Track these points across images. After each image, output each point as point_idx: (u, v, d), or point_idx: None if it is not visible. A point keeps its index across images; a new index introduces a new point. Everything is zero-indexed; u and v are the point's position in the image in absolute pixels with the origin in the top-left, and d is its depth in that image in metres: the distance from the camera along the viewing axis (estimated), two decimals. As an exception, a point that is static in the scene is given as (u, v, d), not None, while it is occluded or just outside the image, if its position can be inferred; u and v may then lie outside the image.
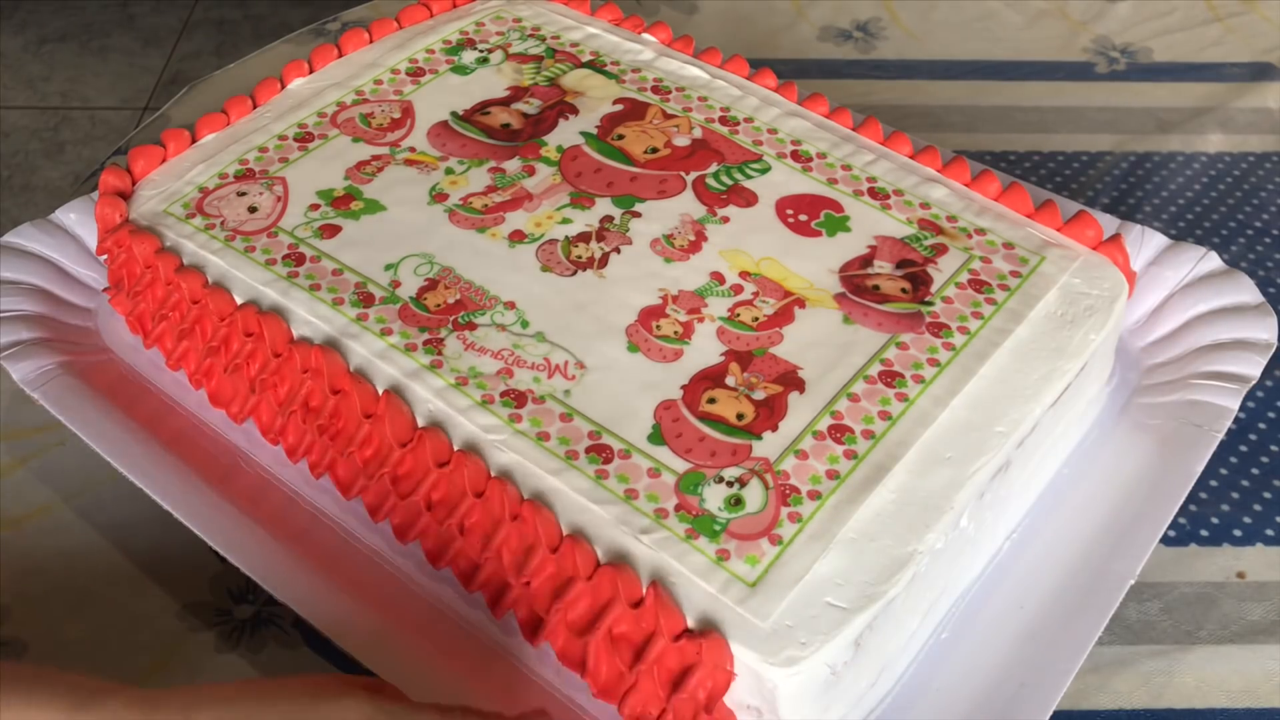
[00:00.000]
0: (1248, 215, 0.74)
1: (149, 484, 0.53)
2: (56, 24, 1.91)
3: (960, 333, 0.53)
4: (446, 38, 0.69)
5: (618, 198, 0.59)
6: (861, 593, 0.44)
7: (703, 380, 0.51)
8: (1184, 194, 0.75)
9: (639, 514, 0.46)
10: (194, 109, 0.75)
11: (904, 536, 0.46)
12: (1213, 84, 0.83)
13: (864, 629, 0.44)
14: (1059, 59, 0.86)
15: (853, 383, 0.51)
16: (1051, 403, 0.52)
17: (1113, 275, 0.56)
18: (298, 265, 0.56)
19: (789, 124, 0.63)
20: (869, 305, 0.54)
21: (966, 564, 0.51)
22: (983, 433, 0.49)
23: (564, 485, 0.47)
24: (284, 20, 0.61)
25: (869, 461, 0.48)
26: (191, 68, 1.80)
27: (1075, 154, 0.78)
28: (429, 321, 0.53)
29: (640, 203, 0.59)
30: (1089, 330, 0.54)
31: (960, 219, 0.58)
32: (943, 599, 0.50)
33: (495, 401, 0.50)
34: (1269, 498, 0.59)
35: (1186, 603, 0.55)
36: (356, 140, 0.62)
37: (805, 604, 0.44)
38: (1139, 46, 0.87)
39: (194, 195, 0.60)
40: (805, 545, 0.45)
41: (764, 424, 0.49)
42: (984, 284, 0.55)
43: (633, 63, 0.67)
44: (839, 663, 0.44)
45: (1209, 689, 0.52)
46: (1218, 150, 0.78)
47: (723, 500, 0.47)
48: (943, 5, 0.91)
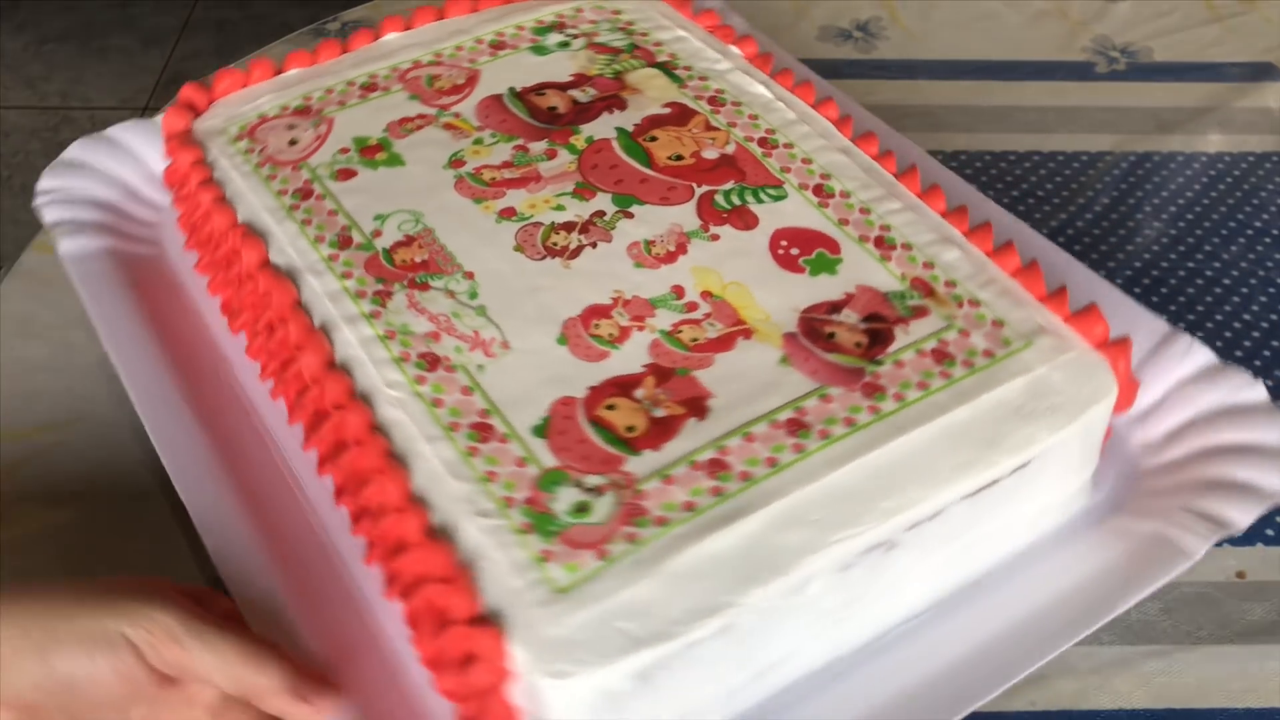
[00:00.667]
0: (1248, 215, 0.73)
1: (124, 369, 0.58)
2: (56, 24, 1.92)
3: (895, 399, 0.50)
4: (541, 18, 0.71)
5: (618, 195, 0.59)
6: (659, 628, 0.43)
7: (613, 386, 0.51)
8: (1184, 194, 0.75)
9: (487, 497, 0.47)
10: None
11: (728, 585, 0.44)
12: (1213, 84, 0.83)
13: (653, 665, 0.43)
14: (1059, 59, 0.86)
15: (755, 423, 0.49)
16: (966, 494, 0.48)
17: (1102, 378, 0.52)
18: (302, 200, 0.59)
19: (827, 157, 0.61)
20: (812, 351, 0.52)
21: (829, 635, 0.48)
22: (864, 505, 0.47)
23: (431, 453, 0.48)
24: (284, 20, 0.64)
25: (733, 503, 0.46)
26: (191, 68, 1.80)
27: (1075, 154, 0.78)
28: (389, 274, 0.55)
29: (638, 205, 0.59)
30: (1042, 430, 0.50)
31: (960, 285, 0.55)
32: (789, 664, 0.48)
33: (410, 360, 0.52)
34: None
35: (1186, 603, 0.55)
36: (413, 98, 0.65)
37: (599, 623, 0.43)
38: (1139, 46, 0.87)
39: (252, 120, 0.64)
40: (628, 568, 0.45)
41: (648, 442, 0.48)
42: (948, 356, 0.52)
43: (705, 70, 0.67)
44: (619, 691, 0.43)
45: (1209, 689, 0.52)
46: (1218, 150, 0.78)
47: (571, 504, 0.46)
48: (943, 5, 0.91)
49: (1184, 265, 0.71)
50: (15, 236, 1.48)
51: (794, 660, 0.48)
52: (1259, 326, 0.67)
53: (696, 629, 0.43)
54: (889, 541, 0.47)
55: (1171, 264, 0.71)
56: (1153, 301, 0.68)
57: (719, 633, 0.44)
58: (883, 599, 0.49)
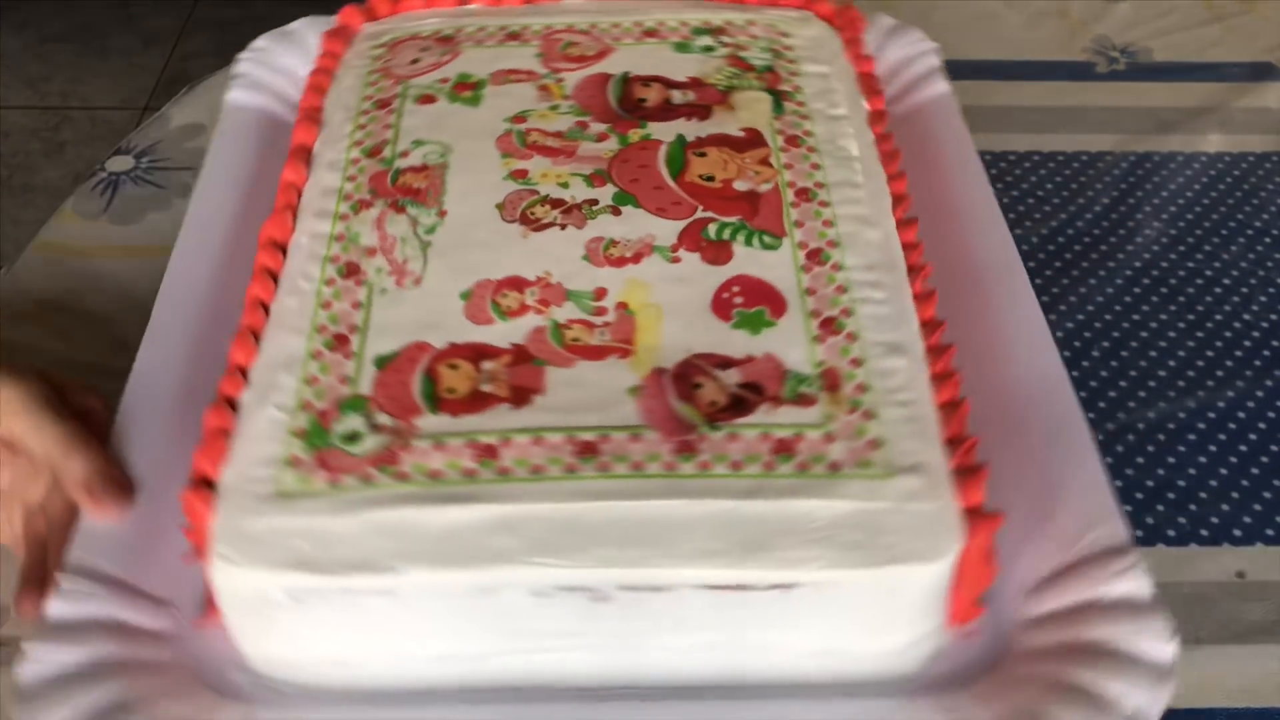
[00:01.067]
0: (1248, 215, 0.74)
1: (193, 204, 0.66)
2: (56, 24, 1.90)
3: (698, 466, 0.47)
4: (710, 19, 0.71)
5: (621, 192, 0.59)
6: (326, 562, 0.45)
7: (469, 350, 0.52)
8: (1184, 194, 0.75)
9: (294, 395, 0.50)
10: (194, 109, 0.81)
11: (407, 556, 0.45)
12: (1213, 84, 0.83)
13: (307, 591, 0.45)
14: (1059, 59, 0.86)
15: (553, 431, 0.48)
16: (703, 584, 0.45)
17: (945, 543, 0.46)
18: (376, 109, 0.65)
19: (852, 227, 0.57)
20: (665, 392, 0.50)
21: (532, 660, 0.47)
22: (581, 543, 0.45)
23: (286, 340, 0.52)
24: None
25: (471, 488, 0.47)
26: (191, 68, 1.75)
27: (1075, 154, 0.78)
28: (383, 191, 0.60)
29: (634, 207, 0.58)
30: (827, 560, 0.45)
31: (871, 393, 0.50)
32: (481, 666, 0.47)
33: (337, 263, 0.56)
34: (1269, 498, 0.59)
35: (1186, 603, 0.55)
36: (538, 55, 0.69)
37: (283, 534, 0.46)
38: (1139, 46, 0.87)
39: (401, 35, 0.71)
40: (342, 502, 0.46)
41: (454, 408, 0.50)
42: (789, 451, 0.48)
43: (814, 110, 0.64)
44: (272, 599, 0.45)
45: (1209, 689, 0.52)
46: (1218, 150, 0.78)
47: (348, 430, 0.49)
48: (943, 5, 0.91)
49: (1184, 265, 0.71)
50: (15, 236, 1.45)
51: (490, 664, 0.47)
52: (1259, 326, 0.67)
53: (356, 579, 0.45)
54: (596, 590, 0.45)
55: (1171, 264, 0.71)
56: (1153, 301, 0.68)
57: (382, 594, 0.45)
58: (603, 651, 0.47)
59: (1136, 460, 0.62)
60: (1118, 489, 0.57)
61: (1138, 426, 0.63)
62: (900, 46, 0.76)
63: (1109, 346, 0.67)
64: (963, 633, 0.49)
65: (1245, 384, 0.65)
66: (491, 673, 0.48)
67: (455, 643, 0.47)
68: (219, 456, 0.48)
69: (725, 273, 0.55)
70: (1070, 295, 0.70)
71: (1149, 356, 0.67)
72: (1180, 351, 0.67)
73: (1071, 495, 0.52)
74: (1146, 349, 0.67)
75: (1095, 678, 0.46)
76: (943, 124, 0.71)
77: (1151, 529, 0.59)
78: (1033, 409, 0.56)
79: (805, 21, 0.72)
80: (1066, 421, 0.55)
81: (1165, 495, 0.60)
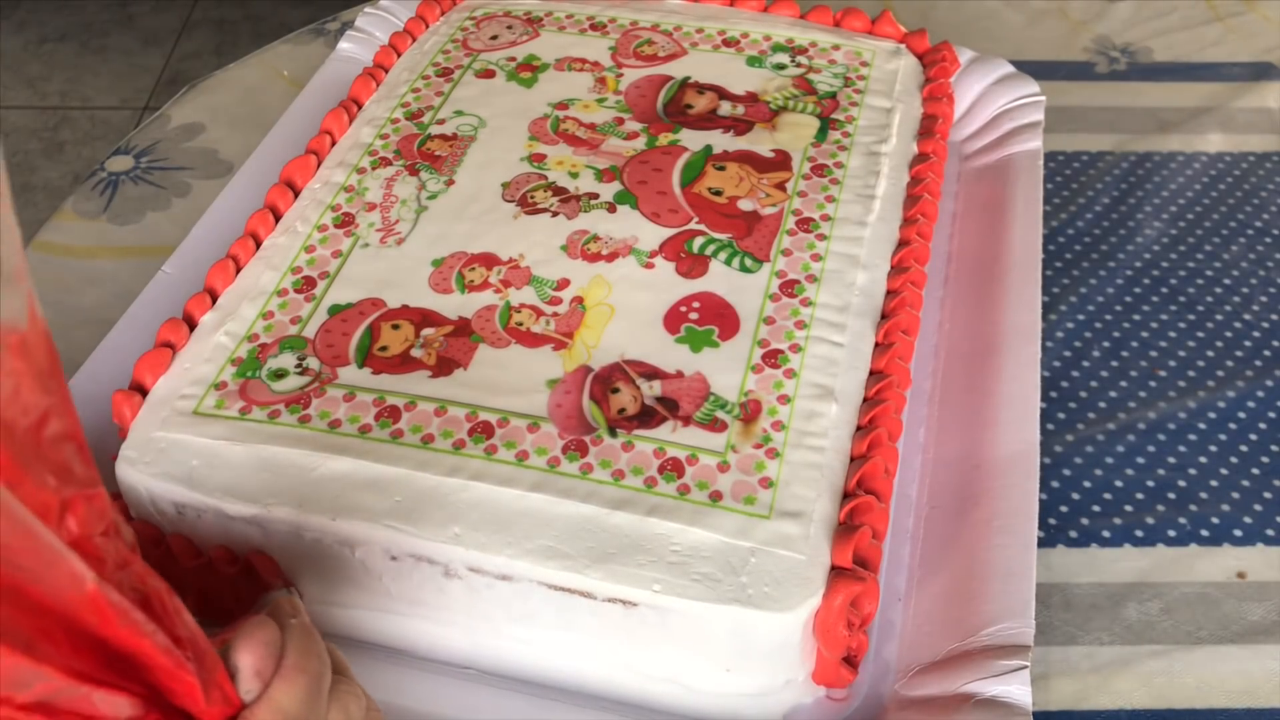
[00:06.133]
0: (1248, 215, 0.73)
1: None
2: (56, 24, 1.89)
3: (580, 468, 0.47)
4: (793, 38, 0.70)
5: (624, 191, 0.59)
6: (209, 483, 0.47)
7: (417, 315, 0.54)
8: (1184, 194, 0.75)
9: (247, 325, 0.53)
10: (194, 109, 0.80)
11: (277, 493, 0.47)
12: (1213, 84, 0.83)
13: (190, 508, 0.47)
14: (1059, 59, 0.86)
15: (457, 406, 0.49)
16: (543, 581, 0.45)
17: (804, 598, 0.44)
18: (438, 75, 0.67)
19: (841, 265, 0.55)
20: (580, 391, 0.50)
21: (390, 621, 0.48)
22: (436, 516, 0.46)
23: (261, 273, 0.55)
24: (284, 20, 0.60)
25: (361, 443, 0.48)
26: (191, 68, 1.72)
27: (1075, 154, 0.78)
28: (406, 153, 0.62)
29: (630, 208, 0.58)
30: (671, 585, 0.44)
31: (785, 434, 0.48)
32: (342, 615, 0.49)
33: (337, 211, 0.59)
34: (1269, 498, 0.59)
35: (1186, 603, 0.55)
36: (611, 49, 0.69)
37: (179, 450, 0.48)
38: (1139, 46, 0.87)
39: (495, 11, 0.73)
40: (242, 430, 0.49)
41: (380, 365, 0.51)
42: (676, 470, 0.47)
43: (862, 143, 0.62)
44: (160, 510, 0.48)
45: (1209, 689, 0.52)
46: (1218, 150, 0.78)
47: (277, 367, 0.51)
48: (943, 5, 0.91)
49: (1184, 265, 0.70)
50: (14, 236, 1.55)
51: (345, 615, 0.49)
52: (1259, 326, 0.67)
53: (232, 504, 0.47)
54: (444, 565, 0.46)
55: (1171, 264, 0.70)
56: (1153, 301, 0.67)
57: (250, 524, 0.47)
58: (450, 626, 0.48)
59: (1136, 460, 0.60)
60: (1118, 489, 0.58)
61: (1138, 426, 0.61)
62: (1007, 91, 0.72)
63: (1109, 346, 0.65)
64: (832, 694, 0.47)
65: (1245, 384, 0.63)
66: (345, 624, 0.49)
67: (316, 590, 0.49)
68: (160, 368, 0.52)
69: (692, 287, 0.55)
70: (1070, 295, 0.68)
71: (1149, 356, 0.65)
72: (1180, 351, 0.65)
73: (996, 583, 0.49)
74: (1146, 349, 0.65)
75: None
76: (1022, 180, 0.68)
77: (1151, 529, 0.57)
78: (994, 486, 0.53)
79: (894, 54, 0.69)
80: (1020, 509, 0.52)
81: (1165, 495, 0.59)
